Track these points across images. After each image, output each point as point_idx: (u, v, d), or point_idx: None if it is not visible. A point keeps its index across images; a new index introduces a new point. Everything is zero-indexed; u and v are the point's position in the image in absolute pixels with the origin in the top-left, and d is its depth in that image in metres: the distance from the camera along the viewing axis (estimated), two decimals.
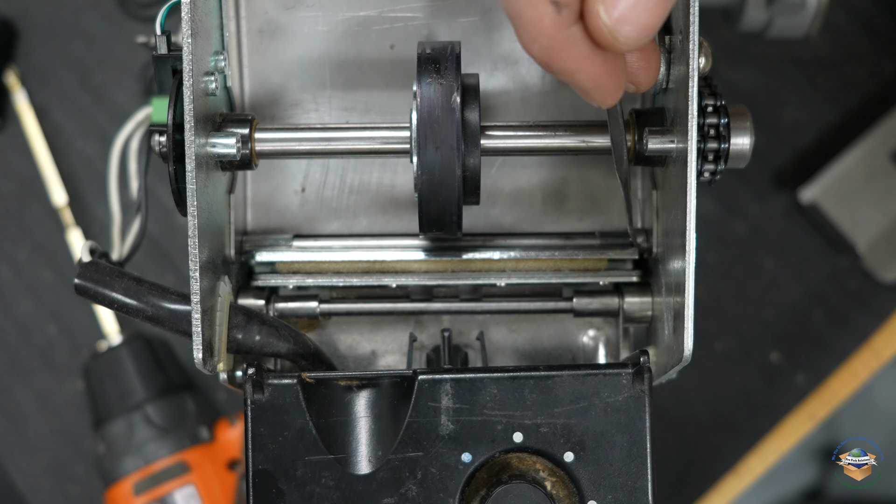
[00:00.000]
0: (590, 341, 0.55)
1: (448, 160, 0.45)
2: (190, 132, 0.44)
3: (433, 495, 0.44)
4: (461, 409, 0.44)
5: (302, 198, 0.55)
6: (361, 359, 0.55)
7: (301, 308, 0.52)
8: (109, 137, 0.75)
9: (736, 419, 0.79)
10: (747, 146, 0.47)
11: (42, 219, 0.81)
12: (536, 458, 0.45)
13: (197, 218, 0.44)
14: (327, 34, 0.52)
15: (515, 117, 0.53)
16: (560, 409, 0.44)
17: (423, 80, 0.45)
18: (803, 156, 0.80)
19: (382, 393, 0.45)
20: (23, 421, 0.79)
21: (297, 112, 0.54)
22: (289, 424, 0.45)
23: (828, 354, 0.79)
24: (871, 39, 0.81)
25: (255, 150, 0.48)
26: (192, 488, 0.72)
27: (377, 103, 0.53)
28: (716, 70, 0.47)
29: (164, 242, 0.80)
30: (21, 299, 0.80)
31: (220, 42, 0.49)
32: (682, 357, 0.45)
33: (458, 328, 0.55)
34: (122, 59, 0.83)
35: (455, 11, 0.52)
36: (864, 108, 0.81)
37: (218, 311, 0.47)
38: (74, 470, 0.79)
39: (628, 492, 0.44)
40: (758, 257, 0.80)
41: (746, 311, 0.79)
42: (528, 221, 0.55)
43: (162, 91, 0.46)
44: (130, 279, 0.47)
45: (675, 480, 0.78)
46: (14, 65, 0.82)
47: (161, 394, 0.74)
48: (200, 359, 0.44)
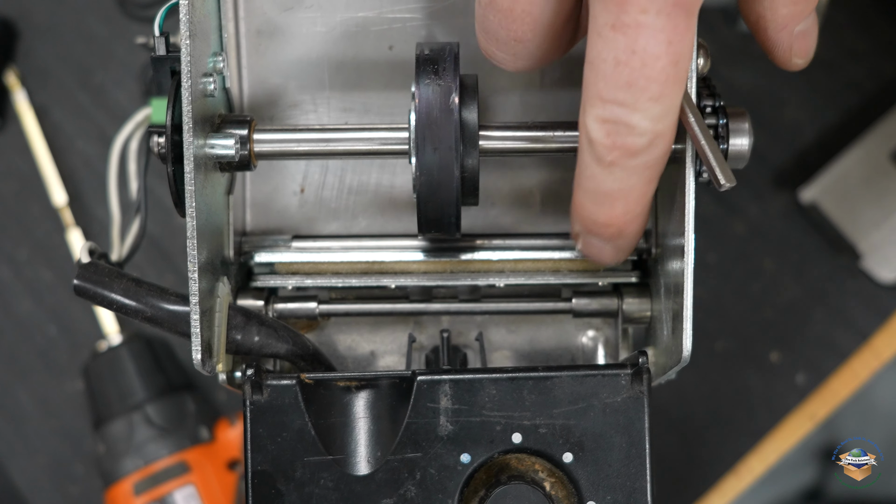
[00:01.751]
0: (589, 342, 0.55)
1: (447, 161, 0.45)
2: (188, 133, 0.44)
3: (432, 496, 0.44)
4: (460, 410, 0.44)
5: (301, 199, 0.55)
6: (360, 359, 0.55)
7: (300, 309, 0.52)
8: (109, 137, 0.75)
9: (736, 419, 0.79)
10: (746, 147, 0.47)
11: (42, 219, 0.81)
12: (535, 459, 0.45)
13: (195, 219, 0.44)
14: (326, 35, 0.52)
15: (514, 118, 0.53)
16: (559, 409, 0.44)
17: (422, 81, 0.45)
18: (803, 156, 0.80)
19: (381, 394, 0.45)
20: (23, 421, 0.79)
21: (295, 113, 0.54)
22: (288, 425, 0.45)
23: (828, 354, 0.79)
24: (871, 39, 0.81)
25: (254, 151, 0.48)
26: (192, 488, 0.72)
27: (376, 104, 0.53)
28: (715, 70, 0.47)
29: (163, 243, 0.80)
30: (21, 299, 0.80)
31: (219, 43, 0.49)
32: (681, 358, 0.45)
33: (457, 329, 0.55)
34: (122, 59, 0.83)
35: (454, 12, 0.52)
36: (864, 108, 0.80)
37: (217, 311, 0.47)
38: (74, 470, 0.79)
39: (627, 492, 0.44)
40: (758, 257, 0.80)
41: (746, 311, 0.79)
42: (526, 222, 0.55)
43: (161, 92, 0.46)
44: (129, 280, 0.47)
45: (675, 480, 0.78)
46: (14, 65, 0.82)
47: (161, 394, 0.74)
48: (199, 359, 0.44)
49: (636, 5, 0.38)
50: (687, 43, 0.39)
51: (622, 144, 0.41)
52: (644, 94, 0.40)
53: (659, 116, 0.40)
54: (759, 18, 0.44)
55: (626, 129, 0.41)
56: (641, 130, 0.40)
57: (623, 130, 0.41)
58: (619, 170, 0.42)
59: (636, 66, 0.39)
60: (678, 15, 0.38)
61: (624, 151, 0.41)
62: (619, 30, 0.39)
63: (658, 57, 0.39)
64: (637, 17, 0.38)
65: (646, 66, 0.39)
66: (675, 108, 0.41)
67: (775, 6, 0.43)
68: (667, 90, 0.40)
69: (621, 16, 0.38)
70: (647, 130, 0.41)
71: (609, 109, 0.40)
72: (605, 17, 0.39)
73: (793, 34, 0.44)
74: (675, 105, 0.41)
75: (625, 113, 0.40)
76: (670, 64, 0.39)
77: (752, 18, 0.44)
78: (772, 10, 0.44)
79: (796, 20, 0.44)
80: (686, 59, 0.40)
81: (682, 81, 0.40)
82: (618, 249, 0.46)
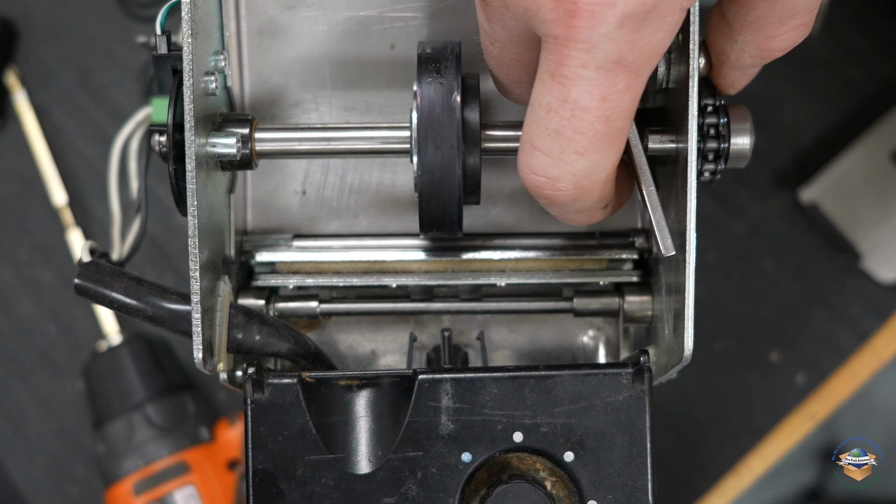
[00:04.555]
0: (590, 341, 0.55)
1: (448, 160, 0.45)
2: (190, 132, 0.44)
3: (433, 495, 0.44)
4: (461, 409, 0.44)
5: (302, 198, 0.55)
6: (361, 358, 0.55)
7: (301, 308, 0.52)
8: (109, 137, 0.75)
9: (736, 419, 0.79)
10: (747, 146, 0.47)
11: (42, 219, 0.81)
12: (536, 458, 0.45)
13: (197, 218, 0.44)
14: (327, 34, 0.52)
15: (516, 117, 0.53)
16: (560, 408, 0.44)
17: (424, 80, 0.45)
18: (803, 156, 0.80)
19: (382, 392, 0.45)
20: (23, 421, 0.79)
21: (297, 112, 0.54)
22: (289, 424, 0.45)
23: (828, 354, 0.79)
24: (871, 39, 0.81)
25: (255, 150, 0.48)
26: (192, 488, 0.72)
27: (377, 103, 0.53)
28: None
29: (164, 242, 0.80)
30: (21, 299, 0.80)
31: (221, 42, 0.49)
32: (682, 357, 0.45)
33: (459, 328, 0.55)
34: (122, 59, 0.83)
35: (455, 11, 0.52)
36: (864, 107, 0.81)
37: (218, 310, 0.47)
38: (74, 470, 0.79)
39: (628, 491, 0.44)
40: (758, 257, 0.80)
41: (746, 311, 0.79)
42: (528, 221, 0.55)
43: (162, 91, 0.46)
44: (130, 279, 0.47)
45: (675, 480, 0.78)
46: (14, 65, 0.82)
47: (161, 394, 0.74)
48: (201, 358, 0.44)
49: (576, 59, 0.38)
50: (624, 103, 0.39)
51: (546, 196, 0.42)
52: (570, 145, 0.40)
53: (584, 172, 0.41)
54: (721, 53, 0.45)
55: (548, 181, 0.41)
56: (563, 185, 0.41)
57: (544, 183, 0.41)
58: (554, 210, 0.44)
59: (566, 115, 0.39)
60: (618, 73, 0.38)
61: (550, 201, 0.42)
62: (556, 78, 0.39)
63: (588, 110, 0.39)
64: (575, 70, 0.38)
65: (574, 118, 0.39)
66: (605, 167, 0.41)
67: (742, 54, 0.44)
68: (594, 146, 0.40)
69: (560, 66, 0.39)
70: (568, 185, 0.41)
71: (536, 157, 0.41)
72: (547, 65, 0.39)
73: (742, 74, 0.46)
74: (603, 164, 0.41)
75: (549, 164, 0.41)
76: (600, 119, 0.39)
77: (715, 49, 0.45)
78: (737, 54, 0.45)
79: (753, 68, 0.46)
80: (622, 118, 0.40)
81: (614, 141, 0.40)
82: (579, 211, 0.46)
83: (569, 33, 0.37)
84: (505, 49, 0.42)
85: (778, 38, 0.43)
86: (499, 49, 0.42)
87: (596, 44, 0.37)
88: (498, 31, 0.41)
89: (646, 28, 0.38)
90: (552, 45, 0.38)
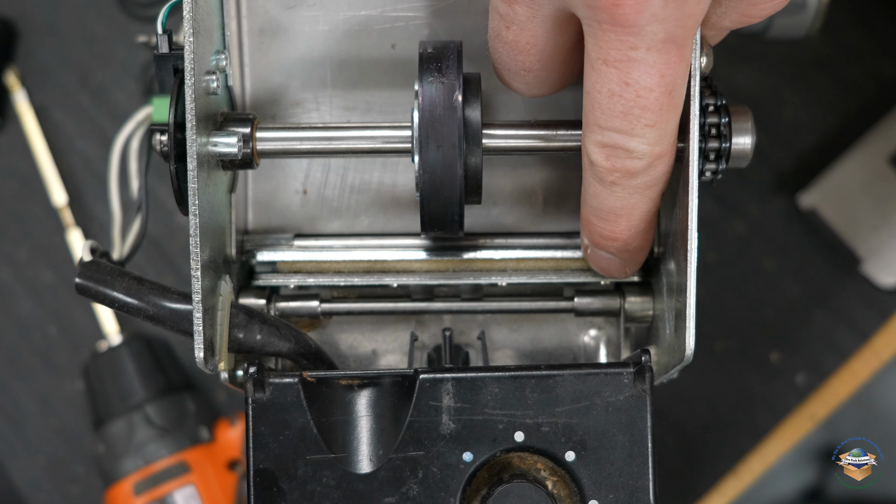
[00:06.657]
0: (591, 341, 0.55)
1: (450, 159, 0.45)
2: (191, 131, 0.44)
3: (434, 494, 0.44)
4: (462, 409, 0.44)
5: (303, 197, 0.55)
6: (362, 358, 0.55)
7: (302, 307, 0.52)
8: (109, 137, 0.75)
9: (736, 419, 0.79)
10: (749, 145, 0.47)
11: (42, 219, 0.81)
12: (538, 458, 0.45)
13: (198, 217, 0.44)
14: (328, 33, 0.52)
15: (517, 116, 0.53)
16: (561, 408, 0.44)
17: (425, 79, 0.45)
18: (803, 156, 0.80)
19: (383, 392, 0.45)
20: (23, 421, 0.79)
21: (298, 111, 0.54)
22: (290, 423, 0.45)
23: (828, 354, 0.79)
24: (871, 39, 0.81)
25: (257, 150, 0.48)
26: (192, 488, 0.72)
27: (378, 102, 0.53)
28: (716, 70, 0.47)
29: (164, 242, 0.80)
30: (21, 299, 0.80)
31: (222, 41, 0.49)
32: (683, 356, 0.45)
33: (460, 328, 0.55)
34: (122, 59, 0.83)
35: (457, 11, 0.52)
36: (863, 108, 0.81)
37: (219, 310, 0.47)
38: (74, 470, 0.79)
39: (629, 491, 0.44)
40: (757, 257, 0.80)
41: (746, 311, 0.79)
42: (529, 221, 0.55)
43: (163, 90, 0.46)
44: (131, 278, 0.47)
45: (675, 480, 0.78)
46: (14, 65, 0.82)
47: (161, 394, 0.74)
48: (202, 358, 0.44)
49: (627, 42, 0.39)
50: (680, 72, 0.40)
51: (621, 167, 0.42)
52: (640, 121, 0.41)
53: (656, 140, 0.41)
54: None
55: (625, 153, 0.42)
56: (640, 154, 0.42)
57: (621, 154, 0.42)
58: (621, 189, 0.43)
59: (630, 97, 0.40)
60: (669, 50, 0.39)
61: (623, 173, 0.43)
62: (611, 64, 0.39)
63: (651, 89, 0.40)
64: (628, 54, 0.39)
65: (640, 97, 0.40)
66: (673, 130, 0.42)
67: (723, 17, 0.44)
68: (662, 116, 0.41)
69: (613, 51, 0.39)
70: (645, 154, 0.42)
71: (607, 135, 0.41)
72: (597, 52, 0.40)
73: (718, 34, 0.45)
74: (672, 128, 0.42)
75: (622, 139, 0.41)
76: (664, 94, 0.40)
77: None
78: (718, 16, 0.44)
79: (730, 30, 0.45)
80: (681, 85, 0.41)
81: (677, 106, 0.41)
82: (624, 262, 0.48)
83: (615, 18, 0.38)
84: (522, 32, 0.42)
85: (762, 5, 0.43)
86: (514, 33, 0.42)
87: (643, 27, 0.38)
88: (520, 12, 0.41)
89: (688, 3, 0.38)
90: (597, 31, 0.39)
